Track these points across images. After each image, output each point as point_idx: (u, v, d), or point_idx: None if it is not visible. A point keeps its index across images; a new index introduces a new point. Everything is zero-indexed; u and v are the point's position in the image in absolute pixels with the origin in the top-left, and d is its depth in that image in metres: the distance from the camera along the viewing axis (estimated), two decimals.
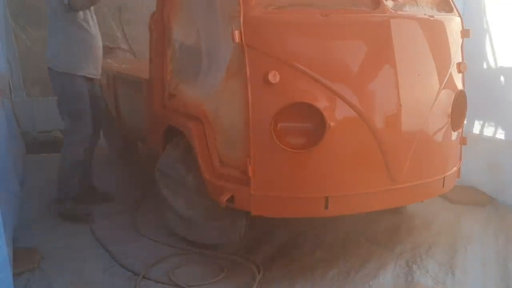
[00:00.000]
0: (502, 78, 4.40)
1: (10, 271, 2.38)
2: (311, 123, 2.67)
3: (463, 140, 3.38)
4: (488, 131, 4.49)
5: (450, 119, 3.08)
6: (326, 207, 2.75)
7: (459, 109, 3.14)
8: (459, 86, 3.18)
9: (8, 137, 3.88)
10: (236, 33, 2.64)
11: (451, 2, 3.29)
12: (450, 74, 3.07)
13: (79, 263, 3.14)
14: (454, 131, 3.16)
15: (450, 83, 3.08)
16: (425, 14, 3.04)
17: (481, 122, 4.53)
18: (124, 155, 5.35)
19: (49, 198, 3.99)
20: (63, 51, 3.65)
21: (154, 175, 3.50)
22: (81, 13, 3.60)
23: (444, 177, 3.13)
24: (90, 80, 3.82)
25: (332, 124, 2.65)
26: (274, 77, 2.62)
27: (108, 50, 4.27)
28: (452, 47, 3.12)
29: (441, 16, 3.16)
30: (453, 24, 3.18)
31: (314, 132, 2.67)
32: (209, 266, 3.11)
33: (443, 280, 2.98)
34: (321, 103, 2.67)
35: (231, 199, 2.86)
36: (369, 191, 2.83)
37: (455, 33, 3.18)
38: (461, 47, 3.24)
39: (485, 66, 4.47)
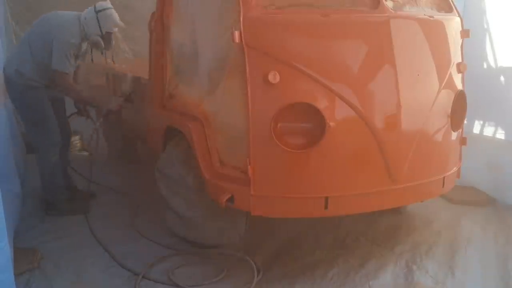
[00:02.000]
0: (502, 78, 4.40)
1: (12, 272, 2.38)
2: (311, 123, 2.67)
3: (463, 140, 3.38)
4: (488, 131, 4.49)
5: (450, 119, 3.08)
6: (326, 207, 2.75)
7: (459, 109, 3.14)
8: (459, 86, 3.18)
9: (10, 137, 3.87)
10: (236, 33, 2.64)
11: (451, 2, 3.29)
12: (450, 74, 3.07)
13: (79, 263, 3.15)
14: (454, 131, 3.16)
15: (450, 83, 3.08)
16: (425, 14, 3.04)
17: (481, 122, 4.53)
18: (124, 155, 5.35)
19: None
20: None
21: (154, 175, 3.50)
22: None
23: (444, 177, 3.13)
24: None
25: (332, 124, 2.65)
26: (274, 77, 2.62)
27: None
28: (452, 47, 3.12)
29: (441, 16, 3.16)
30: (453, 24, 3.18)
31: (314, 132, 2.67)
32: (209, 266, 3.11)
33: (443, 280, 2.99)
34: (321, 103, 2.67)
35: (231, 199, 2.86)
36: (369, 191, 2.83)
37: (455, 33, 3.18)
38: (461, 47, 3.24)
39: (485, 66, 4.46)
